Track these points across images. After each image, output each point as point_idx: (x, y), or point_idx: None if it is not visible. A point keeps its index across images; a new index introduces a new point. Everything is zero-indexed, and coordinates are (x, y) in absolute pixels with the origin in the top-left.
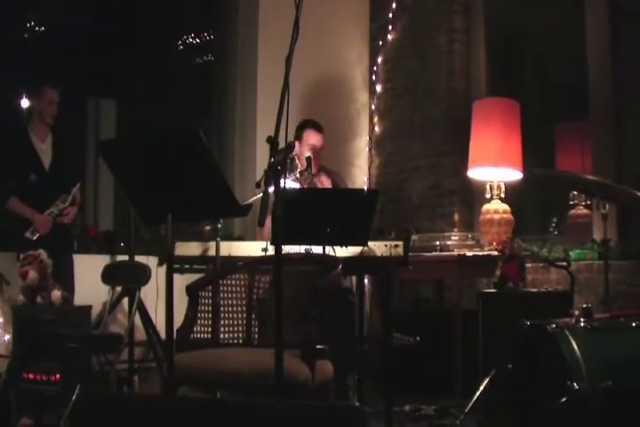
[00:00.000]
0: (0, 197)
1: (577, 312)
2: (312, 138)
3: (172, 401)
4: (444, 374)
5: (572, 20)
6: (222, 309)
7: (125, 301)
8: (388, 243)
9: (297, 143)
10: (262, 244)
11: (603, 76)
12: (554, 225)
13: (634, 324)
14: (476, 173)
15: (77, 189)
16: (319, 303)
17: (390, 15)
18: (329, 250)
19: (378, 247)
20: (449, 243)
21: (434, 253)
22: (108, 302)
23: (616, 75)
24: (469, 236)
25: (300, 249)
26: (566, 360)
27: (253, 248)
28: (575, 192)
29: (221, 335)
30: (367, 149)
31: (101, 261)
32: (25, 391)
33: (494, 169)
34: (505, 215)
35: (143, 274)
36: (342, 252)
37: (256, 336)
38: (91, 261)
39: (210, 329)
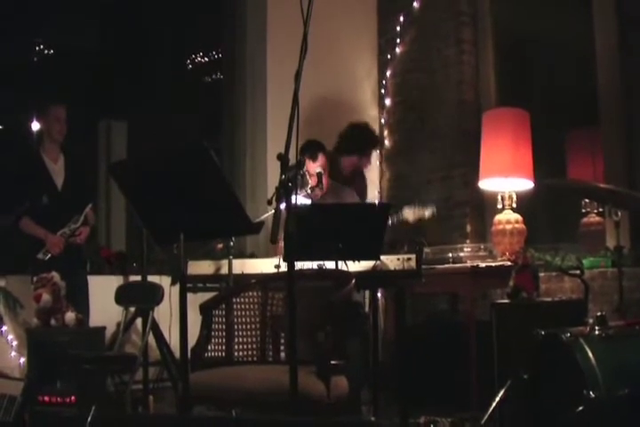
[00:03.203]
0: (13, 219)
1: (591, 321)
2: (309, 167)
3: (188, 420)
4: (459, 385)
5: (579, 28)
6: (236, 327)
7: (139, 321)
8: (400, 256)
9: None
10: (275, 261)
11: (612, 83)
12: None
13: None
14: (487, 183)
15: (89, 209)
16: (333, 319)
17: (398, 29)
18: (342, 265)
19: (390, 261)
20: (462, 254)
21: (447, 266)
22: (121, 322)
23: (626, 81)
24: (482, 247)
25: (313, 265)
26: (582, 369)
27: (266, 265)
28: (587, 200)
29: (235, 353)
30: (378, 162)
31: (114, 281)
32: (41, 414)
33: (505, 179)
34: (517, 225)
35: (156, 294)
36: (355, 266)
37: (270, 353)
38: (104, 282)
39: (224, 347)
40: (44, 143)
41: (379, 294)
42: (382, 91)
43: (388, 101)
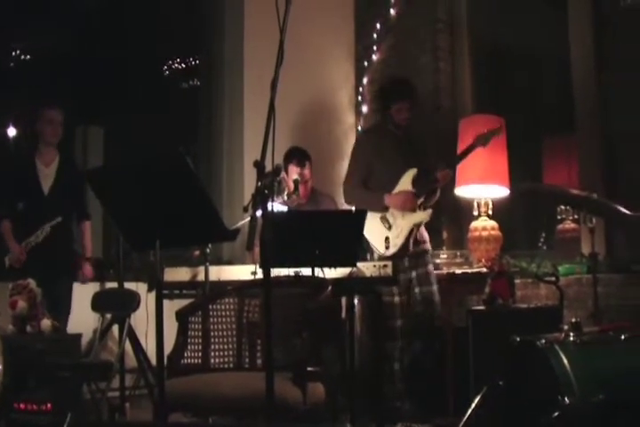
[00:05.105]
0: None
1: (566, 327)
2: (294, 173)
3: None
4: (435, 392)
5: (556, 36)
6: (212, 333)
7: (115, 328)
8: (376, 263)
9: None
10: (251, 267)
11: (588, 90)
12: (542, 240)
13: (623, 337)
14: (463, 190)
15: (57, 222)
16: (309, 325)
17: (375, 36)
18: (318, 272)
19: (367, 268)
20: (438, 261)
21: None
22: (97, 329)
23: (601, 88)
24: (458, 253)
25: (290, 272)
26: (557, 375)
27: (242, 272)
28: (562, 207)
29: (212, 360)
30: None
31: (91, 288)
32: (16, 422)
33: (481, 186)
34: (493, 232)
35: (132, 301)
36: (331, 273)
37: (247, 360)
38: (80, 288)
39: (200, 354)
40: (38, 146)
41: (355, 301)
42: (359, 97)
43: (364, 108)
